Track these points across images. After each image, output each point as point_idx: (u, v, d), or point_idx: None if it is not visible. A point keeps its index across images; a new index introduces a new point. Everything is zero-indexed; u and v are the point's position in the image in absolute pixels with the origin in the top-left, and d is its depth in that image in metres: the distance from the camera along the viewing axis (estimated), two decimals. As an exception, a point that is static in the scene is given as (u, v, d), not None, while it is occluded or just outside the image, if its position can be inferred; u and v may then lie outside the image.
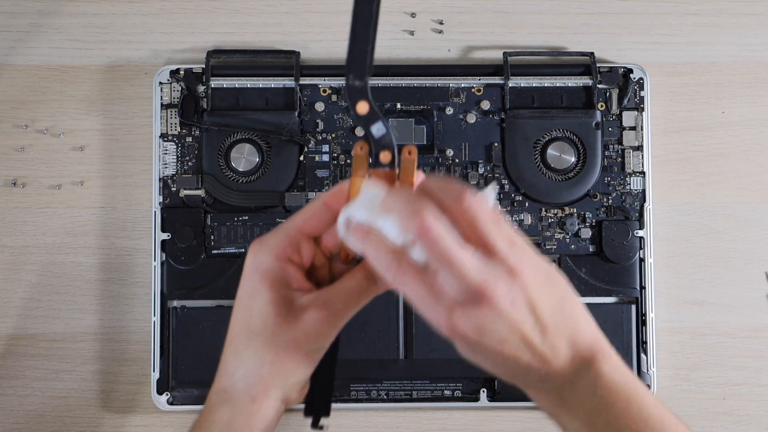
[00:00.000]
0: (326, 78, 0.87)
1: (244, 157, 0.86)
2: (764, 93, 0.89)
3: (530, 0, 0.89)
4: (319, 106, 0.87)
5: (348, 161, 0.86)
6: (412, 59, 0.89)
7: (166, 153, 0.86)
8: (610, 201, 0.86)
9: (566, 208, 0.86)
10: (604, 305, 0.85)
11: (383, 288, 0.60)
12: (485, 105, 0.87)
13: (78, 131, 0.88)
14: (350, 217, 0.57)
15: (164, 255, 0.85)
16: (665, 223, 0.87)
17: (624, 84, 0.87)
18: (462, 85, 0.87)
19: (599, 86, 0.87)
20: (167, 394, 0.85)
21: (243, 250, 0.86)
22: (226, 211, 0.86)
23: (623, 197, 0.86)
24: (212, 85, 0.86)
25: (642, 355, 0.85)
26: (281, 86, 0.87)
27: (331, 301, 0.60)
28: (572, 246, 0.86)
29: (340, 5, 0.88)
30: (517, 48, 0.88)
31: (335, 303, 0.60)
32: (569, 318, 0.56)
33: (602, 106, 0.87)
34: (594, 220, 0.86)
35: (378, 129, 0.60)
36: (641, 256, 0.86)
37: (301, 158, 0.86)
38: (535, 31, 0.89)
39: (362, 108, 0.60)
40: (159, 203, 0.86)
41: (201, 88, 0.87)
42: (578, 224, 0.86)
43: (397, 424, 0.87)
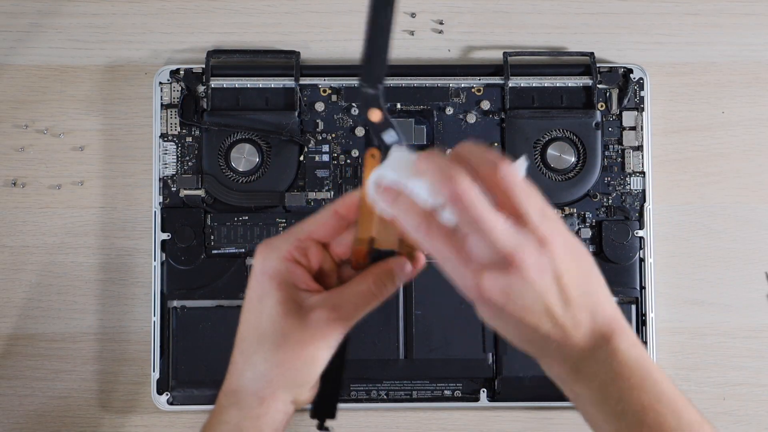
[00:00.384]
0: (326, 78, 0.87)
1: (244, 157, 0.86)
2: (764, 93, 0.89)
3: (530, 0, 0.89)
4: (319, 106, 0.87)
5: (347, 161, 0.86)
6: (412, 59, 0.89)
7: (166, 153, 0.86)
8: (610, 201, 0.86)
9: (566, 208, 0.86)
10: (604, 305, 0.85)
11: (392, 291, 0.60)
12: (485, 105, 0.87)
13: (78, 131, 0.88)
14: (380, 179, 0.57)
15: (164, 255, 0.85)
16: (665, 223, 0.87)
17: (624, 84, 0.87)
18: (462, 85, 0.87)
19: (599, 86, 0.87)
20: (167, 394, 0.85)
21: (243, 250, 0.86)
22: (226, 211, 0.86)
23: (623, 197, 0.86)
24: (212, 85, 0.86)
25: (642, 355, 0.85)
26: (281, 86, 0.87)
27: (340, 303, 0.60)
28: (572, 246, 0.86)
29: (340, 5, 0.88)
30: (517, 48, 0.88)
31: (344, 304, 0.60)
32: (592, 293, 0.56)
33: (602, 106, 0.87)
34: (594, 220, 0.86)
35: (390, 136, 0.60)
36: (641, 256, 0.86)
37: (301, 158, 0.86)
38: (535, 31, 0.89)
39: (375, 116, 0.60)
40: (159, 203, 0.86)
41: (201, 88, 0.87)
42: (578, 224, 0.86)
43: (397, 424, 0.87)
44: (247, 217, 0.86)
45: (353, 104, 0.87)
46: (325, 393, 0.64)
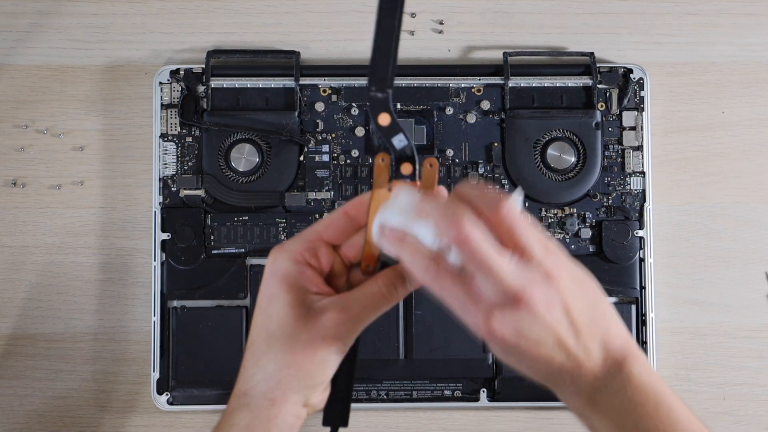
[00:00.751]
0: (326, 78, 0.87)
1: (244, 157, 0.86)
2: (764, 93, 0.89)
3: (530, 0, 0.89)
4: (319, 106, 0.87)
5: (347, 161, 0.86)
6: (412, 59, 0.89)
7: (166, 153, 0.86)
8: (610, 201, 0.86)
9: (566, 208, 0.86)
10: (604, 305, 0.85)
11: (402, 296, 0.61)
12: (485, 105, 0.87)
13: (78, 131, 0.88)
14: (384, 222, 0.58)
15: (164, 255, 0.85)
16: (665, 223, 0.87)
17: (624, 84, 0.87)
18: (462, 85, 0.87)
19: (599, 86, 0.87)
20: (167, 394, 0.85)
21: (243, 250, 0.86)
22: (226, 211, 0.86)
23: (623, 197, 0.86)
24: (212, 85, 0.86)
25: (642, 355, 0.85)
26: (281, 86, 0.87)
27: (351, 305, 0.60)
28: (572, 246, 0.86)
29: (340, 5, 0.88)
30: (517, 48, 0.88)
31: (354, 307, 0.60)
32: (601, 321, 0.57)
33: (602, 106, 0.87)
34: (594, 220, 0.86)
35: (399, 141, 0.60)
36: (641, 256, 0.86)
37: (301, 158, 0.86)
38: (535, 31, 0.89)
39: (384, 119, 0.60)
40: (159, 203, 0.86)
41: (201, 88, 0.87)
42: (578, 224, 0.86)
43: (397, 424, 0.87)
44: (247, 217, 0.86)
45: (353, 104, 0.87)
46: (336, 399, 0.63)
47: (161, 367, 0.85)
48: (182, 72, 0.86)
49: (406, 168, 0.60)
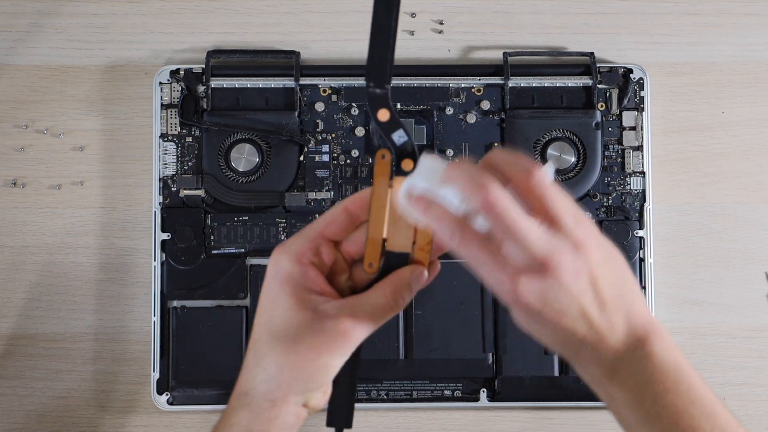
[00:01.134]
0: (326, 78, 0.87)
1: (244, 157, 0.86)
2: (764, 93, 0.89)
3: (530, 0, 0.89)
4: (319, 106, 0.87)
5: (347, 161, 0.86)
6: (412, 59, 0.89)
7: (166, 153, 0.86)
8: (610, 201, 0.87)
9: (566, 208, 0.86)
10: (604, 305, 0.85)
11: (408, 302, 0.60)
12: (485, 105, 0.87)
13: (78, 131, 0.88)
14: (411, 189, 0.57)
15: (164, 255, 0.85)
16: (665, 223, 0.87)
17: (624, 84, 0.87)
18: (462, 85, 0.87)
19: (599, 86, 0.87)
20: (167, 394, 0.85)
21: (243, 250, 0.86)
22: (226, 211, 0.86)
23: (623, 197, 0.86)
24: (212, 85, 0.86)
25: (642, 355, 0.85)
26: (281, 86, 0.87)
27: (357, 313, 0.60)
28: (572, 246, 0.86)
29: (340, 5, 0.88)
30: (517, 48, 0.88)
31: (361, 315, 0.60)
32: (627, 296, 0.56)
33: (602, 106, 0.87)
34: (594, 220, 0.86)
35: (399, 136, 0.60)
36: (641, 256, 0.86)
37: (301, 158, 0.86)
38: (535, 31, 0.89)
39: (383, 115, 0.60)
40: (159, 203, 0.86)
41: (201, 88, 0.87)
42: (578, 224, 0.86)
43: (397, 424, 0.87)
44: (247, 217, 0.86)
45: (353, 104, 0.87)
46: (340, 401, 0.63)
47: (161, 367, 0.85)
48: (182, 72, 0.87)
49: (407, 164, 0.60)
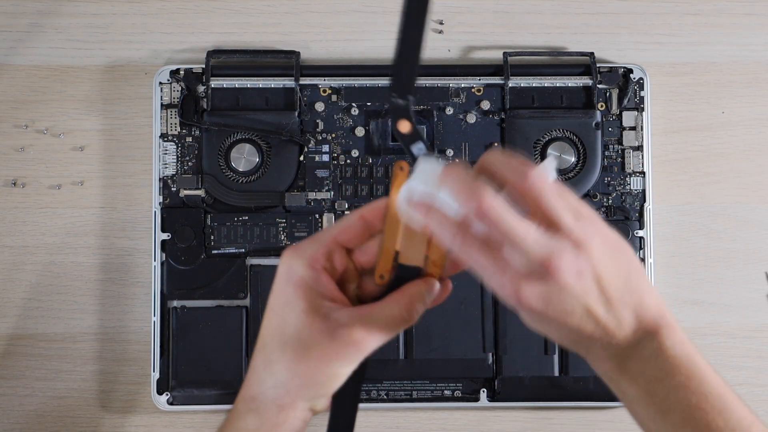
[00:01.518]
0: (326, 78, 0.87)
1: (244, 157, 0.86)
2: (764, 93, 0.89)
3: (530, 0, 0.89)
4: (319, 106, 0.87)
5: (347, 161, 0.86)
6: (412, 59, 0.88)
7: (166, 153, 0.86)
8: (610, 201, 0.86)
9: (566, 208, 0.86)
10: (604, 305, 0.85)
11: (421, 314, 0.60)
12: (485, 105, 0.87)
13: (78, 131, 0.88)
14: (410, 193, 0.57)
15: (164, 255, 0.85)
16: (665, 223, 0.87)
17: (624, 84, 0.87)
18: (462, 85, 0.87)
19: (599, 86, 0.87)
20: (167, 394, 0.85)
21: (243, 250, 0.86)
22: (226, 211, 0.86)
23: (623, 197, 0.86)
24: (212, 85, 0.86)
25: (642, 355, 0.85)
26: (281, 86, 0.87)
27: (371, 324, 0.59)
28: (572, 246, 0.86)
29: (340, 5, 0.88)
30: (517, 48, 0.88)
31: (375, 326, 0.59)
32: (635, 290, 0.56)
33: (602, 106, 0.87)
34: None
35: (419, 149, 0.59)
36: (641, 256, 0.86)
37: (301, 158, 0.86)
38: (535, 31, 0.89)
39: (404, 127, 0.59)
40: (159, 203, 0.86)
41: (201, 88, 0.87)
42: (578, 224, 0.86)
43: (397, 424, 0.87)
44: (247, 217, 0.86)
45: (353, 104, 0.87)
46: (342, 413, 0.62)
47: (161, 367, 0.85)
48: (182, 72, 0.87)
49: None
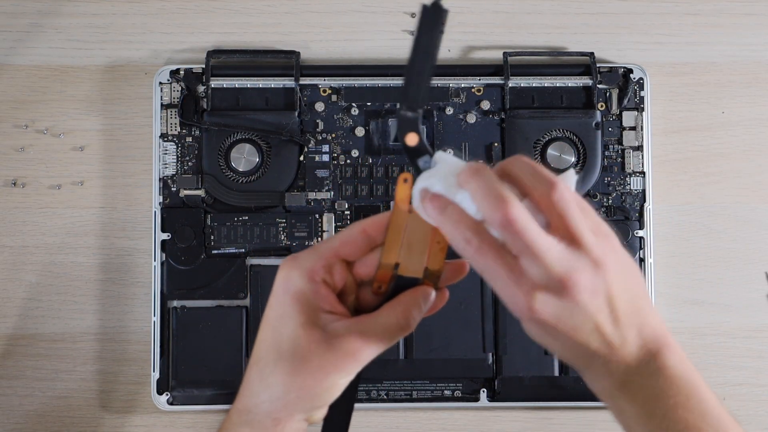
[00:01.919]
0: (326, 78, 0.87)
1: (244, 157, 0.86)
2: (764, 93, 0.89)
3: (530, 0, 0.89)
4: (319, 106, 0.87)
5: (347, 161, 0.86)
6: (412, 59, 0.88)
7: (166, 153, 0.86)
8: (610, 201, 0.87)
9: (566, 208, 0.86)
10: (604, 305, 0.85)
11: (417, 323, 0.59)
12: (485, 105, 0.87)
13: (78, 131, 0.88)
14: (427, 187, 0.56)
15: (164, 255, 0.85)
16: (665, 223, 0.87)
17: (624, 84, 0.87)
18: (462, 85, 0.87)
19: (599, 86, 0.87)
20: (167, 394, 0.85)
21: (243, 250, 0.86)
22: (226, 211, 0.86)
23: (623, 197, 0.86)
24: (212, 85, 0.86)
25: (642, 355, 0.85)
26: (281, 86, 0.87)
27: (369, 333, 0.58)
28: (572, 246, 0.86)
29: (340, 5, 0.88)
30: (517, 48, 0.88)
31: (372, 336, 0.58)
32: (641, 311, 0.56)
33: (602, 106, 0.87)
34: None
35: (425, 162, 0.59)
36: (641, 256, 0.86)
37: (301, 158, 0.86)
38: (535, 31, 0.89)
39: (412, 140, 0.59)
40: (159, 203, 0.86)
41: (201, 88, 0.87)
42: (578, 224, 0.86)
43: (397, 424, 0.87)
44: (247, 217, 0.86)
45: (353, 104, 0.87)
46: (336, 421, 0.62)
47: (161, 367, 0.85)
48: (182, 72, 0.87)
49: None
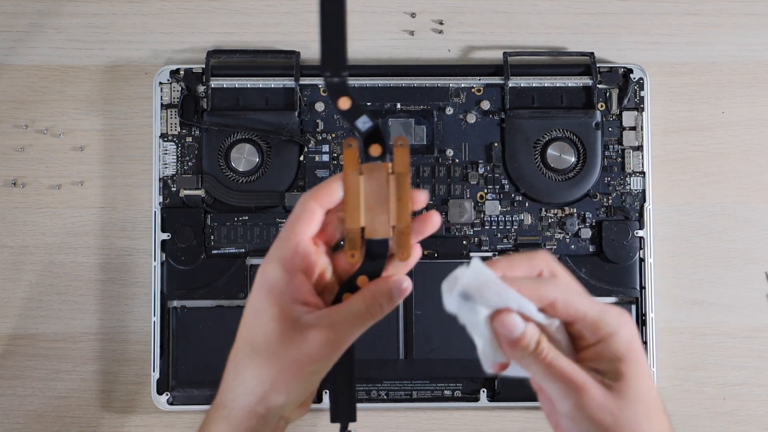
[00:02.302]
0: (326, 78, 0.87)
1: (244, 157, 0.86)
2: (764, 93, 0.89)
3: (530, 0, 0.89)
4: (319, 106, 0.87)
5: (348, 161, 0.86)
6: (412, 59, 0.89)
7: (166, 153, 0.86)
8: (610, 201, 0.86)
9: (566, 208, 0.86)
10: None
11: (388, 311, 0.60)
12: (485, 105, 0.87)
13: (78, 131, 0.88)
14: (496, 305, 0.56)
15: (164, 255, 0.85)
16: (665, 223, 0.87)
17: (624, 84, 0.87)
18: (462, 85, 0.87)
19: (599, 86, 0.87)
20: (167, 394, 0.85)
21: (243, 250, 0.86)
22: (226, 211, 0.86)
23: (623, 197, 0.86)
24: (212, 85, 0.86)
25: (642, 355, 0.85)
26: (281, 86, 0.87)
27: (337, 323, 0.59)
28: (572, 246, 0.86)
29: (340, 5, 0.88)
30: (517, 48, 0.88)
31: (341, 325, 0.59)
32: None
33: (602, 106, 0.87)
34: (594, 220, 0.86)
35: (363, 122, 0.59)
36: (641, 256, 0.86)
37: (301, 158, 0.86)
38: (535, 31, 0.89)
39: (344, 104, 0.59)
40: (159, 203, 0.86)
41: (201, 88, 0.87)
42: (578, 224, 0.86)
43: (397, 424, 0.87)
44: (247, 217, 0.86)
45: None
46: (340, 396, 0.62)
47: (161, 367, 0.85)
48: (182, 72, 0.87)
49: (375, 149, 0.59)
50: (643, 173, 0.87)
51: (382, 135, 0.59)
